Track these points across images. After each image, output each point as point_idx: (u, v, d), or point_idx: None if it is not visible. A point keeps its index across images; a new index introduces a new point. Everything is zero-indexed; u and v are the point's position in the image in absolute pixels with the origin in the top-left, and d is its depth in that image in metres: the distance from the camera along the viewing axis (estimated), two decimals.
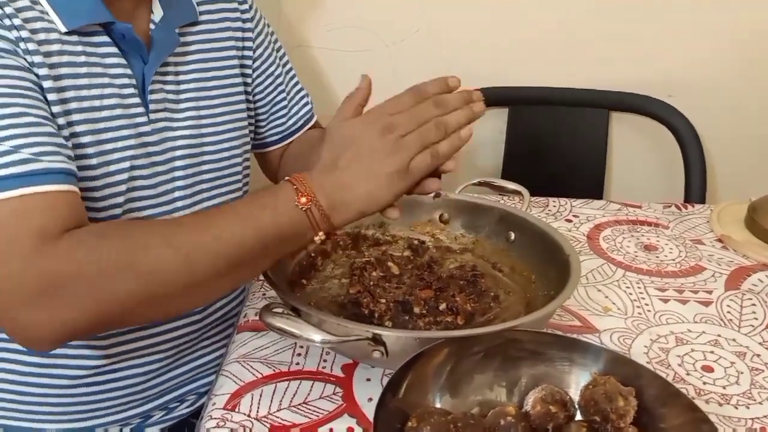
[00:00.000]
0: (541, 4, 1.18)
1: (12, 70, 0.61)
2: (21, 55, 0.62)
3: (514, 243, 0.83)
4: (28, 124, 0.59)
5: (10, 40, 0.62)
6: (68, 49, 0.66)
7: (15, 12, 0.62)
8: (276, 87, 0.90)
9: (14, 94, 0.60)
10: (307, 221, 0.61)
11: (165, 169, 0.74)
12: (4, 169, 0.56)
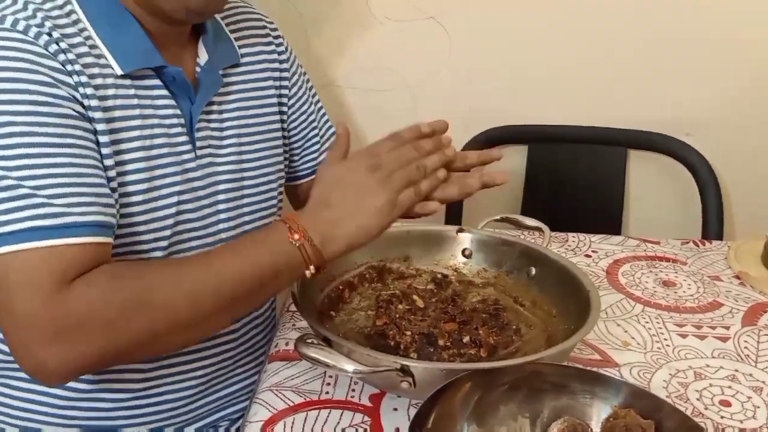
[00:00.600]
0: (561, 45, 1.22)
1: (66, 119, 0.65)
2: (78, 101, 0.66)
3: (535, 278, 0.86)
4: (69, 174, 0.63)
5: (71, 85, 0.66)
6: (122, 92, 0.70)
7: (76, 58, 0.67)
8: (309, 123, 0.95)
9: (63, 144, 0.64)
10: (300, 256, 0.67)
11: (209, 202, 0.79)
12: (37, 220, 0.61)
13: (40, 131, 0.63)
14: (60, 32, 0.66)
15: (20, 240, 0.60)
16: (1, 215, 0.61)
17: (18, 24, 0.64)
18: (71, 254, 0.61)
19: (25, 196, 0.61)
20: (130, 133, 0.71)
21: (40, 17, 0.66)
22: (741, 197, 1.29)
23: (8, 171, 0.61)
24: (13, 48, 0.63)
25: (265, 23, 0.90)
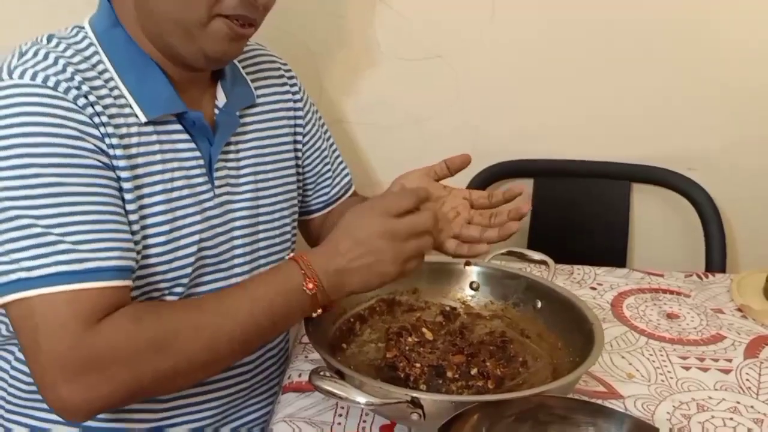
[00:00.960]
0: (565, 82, 1.24)
1: (91, 170, 0.68)
2: (104, 152, 0.70)
3: (540, 310, 0.88)
4: (93, 221, 0.67)
5: (97, 137, 0.69)
6: (145, 139, 0.74)
7: (103, 109, 0.70)
8: (322, 160, 0.98)
9: (88, 193, 0.68)
10: (311, 302, 0.72)
11: (226, 238, 0.82)
12: (63, 265, 0.65)
13: (67, 182, 0.66)
14: (89, 85, 0.70)
15: (47, 284, 0.64)
16: (29, 260, 0.64)
17: (49, 80, 0.68)
18: (93, 297, 0.65)
19: (52, 243, 0.65)
20: (152, 178, 0.74)
21: (70, 72, 0.69)
22: (744, 231, 1.30)
23: (37, 219, 0.65)
24: (44, 104, 0.67)
25: (280, 65, 0.94)
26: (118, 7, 0.76)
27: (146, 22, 0.74)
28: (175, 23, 0.72)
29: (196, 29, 0.72)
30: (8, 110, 0.66)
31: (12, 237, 0.65)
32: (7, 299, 0.65)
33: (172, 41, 0.74)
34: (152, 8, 0.73)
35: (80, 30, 0.76)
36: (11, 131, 0.66)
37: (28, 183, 0.65)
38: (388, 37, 1.21)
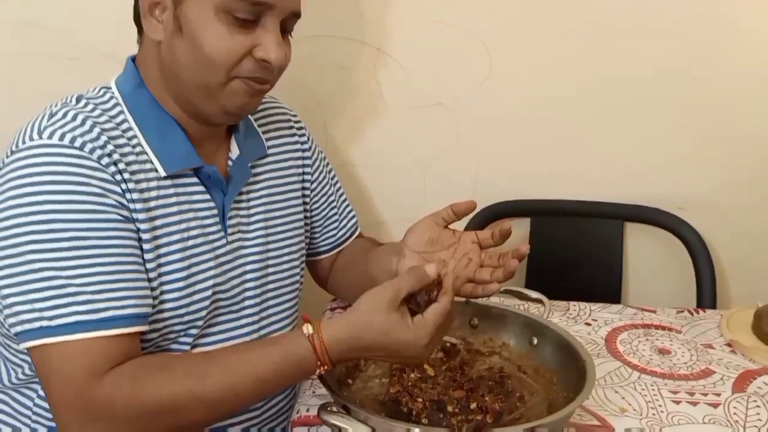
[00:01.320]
0: (561, 127, 1.29)
1: (113, 223, 0.74)
2: (125, 206, 0.75)
3: (536, 347, 0.92)
4: (112, 272, 0.72)
5: (118, 193, 0.75)
6: (163, 192, 0.79)
7: (125, 166, 0.76)
8: (329, 204, 1.04)
9: (109, 245, 0.73)
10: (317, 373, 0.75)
11: (238, 282, 0.87)
12: (80, 315, 0.70)
13: (90, 236, 0.72)
14: (113, 143, 0.76)
15: (64, 332, 0.69)
16: (50, 310, 0.70)
17: (76, 141, 0.73)
18: (106, 345, 0.70)
19: (72, 294, 0.70)
20: (169, 228, 0.79)
21: (97, 132, 0.75)
22: (733, 268, 1.34)
23: (59, 271, 0.70)
24: (70, 163, 0.72)
25: (289, 116, 1.01)
26: (143, 70, 0.82)
27: (171, 84, 0.80)
28: (198, 86, 0.78)
29: (216, 90, 0.78)
30: (37, 168, 0.72)
31: (36, 288, 0.70)
32: (29, 345, 0.71)
33: (195, 100, 0.80)
34: (177, 73, 0.79)
35: (107, 91, 0.82)
36: (40, 188, 0.71)
37: (53, 237, 0.70)
38: (391, 86, 1.26)
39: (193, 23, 0.75)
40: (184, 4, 0.76)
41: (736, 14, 1.21)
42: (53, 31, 1.20)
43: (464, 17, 1.22)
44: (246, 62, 0.77)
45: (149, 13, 0.78)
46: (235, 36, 0.76)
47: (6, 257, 0.71)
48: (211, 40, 0.75)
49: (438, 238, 0.90)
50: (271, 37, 0.77)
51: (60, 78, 1.21)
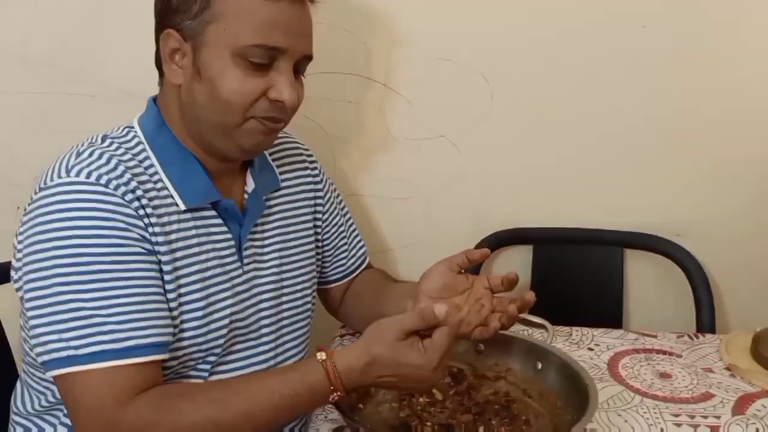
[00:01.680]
0: (562, 157, 1.33)
1: (136, 256, 0.77)
2: (147, 239, 0.79)
3: (541, 372, 0.95)
4: (135, 302, 0.76)
5: (141, 227, 0.78)
6: (183, 225, 0.83)
7: (148, 201, 0.80)
8: (339, 234, 1.08)
9: (132, 277, 0.77)
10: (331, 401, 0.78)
11: (254, 311, 0.91)
12: (105, 344, 0.73)
13: (115, 269, 0.75)
14: (136, 180, 0.80)
15: (89, 361, 0.73)
16: (76, 340, 0.73)
17: (101, 178, 0.77)
18: (130, 373, 0.74)
19: (98, 324, 0.74)
20: (189, 260, 0.83)
21: (121, 170, 0.79)
22: (732, 293, 1.36)
23: (86, 302, 0.74)
24: (96, 200, 0.76)
25: (302, 150, 1.05)
26: (164, 111, 0.87)
27: (190, 124, 0.85)
28: (215, 126, 0.82)
29: (233, 129, 0.82)
30: (65, 204, 0.76)
31: (63, 318, 0.74)
32: (56, 373, 0.74)
33: (212, 139, 0.84)
34: (196, 114, 0.83)
35: (130, 130, 0.87)
36: (67, 224, 0.75)
37: (79, 270, 0.74)
38: (397, 119, 1.31)
39: (211, 68, 0.80)
40: (203, 51, 0.80)
41: (729, 43, 1.25)
42: (73, 70, 1.25)
43: (466, 54, 1.27)
44: (261, 103, 0.81)
45: (170, 59, 0.83)
46: (250, 79, 0.80)
47: (35, 289, 0.75)
48: (227, 84, 0.79)
49: (452, 283, 0.92)
50: (284, 79, 0.81)
51: (80, 114, 1.27)
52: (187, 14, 0.80)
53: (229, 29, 0.79)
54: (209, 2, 0.79)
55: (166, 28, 0.82)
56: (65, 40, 1.24)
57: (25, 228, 0.78)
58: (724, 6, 1.22)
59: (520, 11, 1.25)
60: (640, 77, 1.28)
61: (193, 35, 0.80)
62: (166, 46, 0.82)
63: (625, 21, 1.24)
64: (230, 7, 0.79)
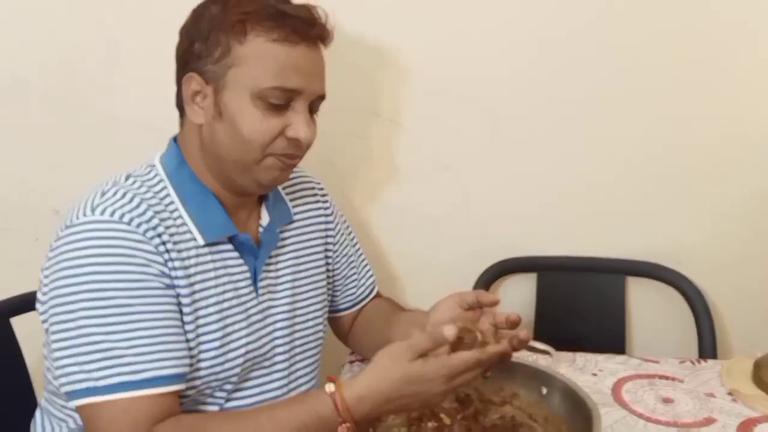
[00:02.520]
0: (563, 188, 1.36)
1: (155, 290, 0.81)
2: (167, 275, 0.82)
3: (546, 397, 0.96)
4: (154, 335, 0.79)
5: (161, 263, 0.82)
6: (201, 259, 0.87)
7: (169, 238, 0.83)
8: (349, 264, 1.11)
9: (151, 311, 0.80)
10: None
11: (268, 339, 0.94)
12: (124, 376, 0.76)
13: (135, 303, 0.79)
14: (158, 217, 0.83)
15: (109, 392, 0.75)
16: (96, 371, 0.76)
17: (124, 217, 0.81)
18: (148, 404, 0.76)
19: (118, 356, 0.76)
20: (207, 292, 0.86)
21: (143, 208, 0.83)
22: (733, 319, 1.38)
23: (107, 335, 0.77)
24: (118, 237, 0.80)
25: (313, 184, 1.09)
26: (184, 149, 0.91)
27: (210, 161, 0.89)
28: (235, 162, 0.87)
29: (252, 166, 0.86)
30: (89, 242, 0.79)
31: (85, 351, 0.77)
32: (78, 403, 0.77)
33: (232, 175, 0.88)
34: (217, 152, 0.87)
35: (152, 168, 0.90)
36: (91, 260, 0.78)
37: (102, 304, 0.77)
38: (402, 152, 1.35)
39: (231, 109, 0.84)
40: (225, 92, 0.85)
41: (728, 72, 1.28)
42: (91, 107, 1.30)
43: (468, 88, 1.31)
44: (279, 141, 0.86)
45: (191, 101, 0.87)
46: (269, 119, 0.84)
47: (59, 322, 0.78)
48: (248, 124, 0.84)
49: (459, 318, 0.93)
50: (300, 118, 0.86)
51: (97, 148, 1.32)
52: (209, 59, 0.84)
53: (249, 73, 0.83)
54: (230, 48, 0.83)
55: (189, 71, 0.86)
56: (83, 77, 1.29)
57: (52, 263, 0.81)
58: (721, 36, 1.26)
59: (519, 45, 1.29)
60: (641, 107, 1.31)
61: (214, 78, 0.85)
62: (188, 88, 0.87)
63: (624, 52, 1.28)
64: (250, 51, 0.83)
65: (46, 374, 0.91)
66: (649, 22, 1.26)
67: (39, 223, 1.33)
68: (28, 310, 1.10)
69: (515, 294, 1.43)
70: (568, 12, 1.27)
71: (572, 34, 1.28)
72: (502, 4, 1.27)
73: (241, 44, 0.83)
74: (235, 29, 0.83)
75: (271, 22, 0.83)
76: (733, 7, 1.25)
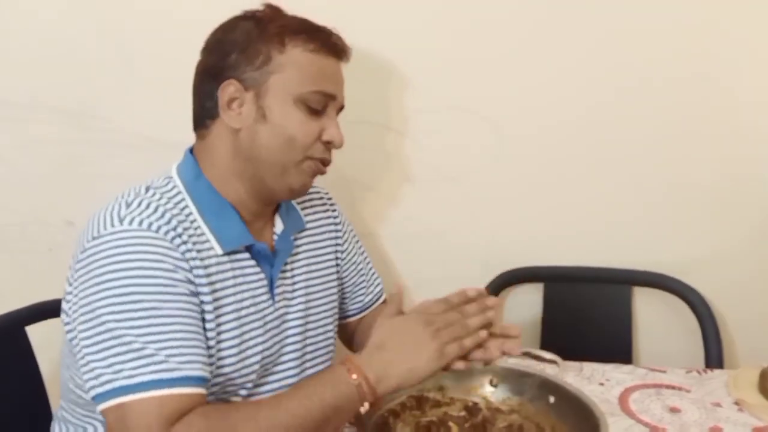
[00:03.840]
0: (569, 199, 1.38)
1: (182, 296, 0.83)
2: (191, 281, 0.84)
3: (553, 405, 0.98)
4: (182, 338, 0.81)
5: (186, 269, 0.84)
6: (221, 268, 0.89)
7: (192, 246, 0.86)
8: (358, 272, 1.14)
9: (179, 315, 0.82)
10: (357, 393, 0.81)
11: (281, 346, 0.96)
12: (158, 373, 0.78)
13: (163, 306, 0.81)
14: (181, 227, 0.86)
15: (143, 389, 0.77)
16: (130, 370, 0.78)
17: (152, 226, 0.84)
18: (178, 402, 0.78)
19: (149, 355, 0.78)
20: (226, 300, 0.89)
21: (168, 217, 0.86)
22: (739, 328, 1.39)
23: (137, 337, 0.79)
24: (147, 244, 0.82)
25: (322, 194, 1.12)
26: (202, 160, 0.94)
27: (243, 166, 0.92)
28: (275, 164, 0.91)
29: (291, 168, 0.91)
30: (119, 249, 0.81)
31: (116, 351, 0.78)
32: (109, 404, 0.78)
33: (267, 178, 0.91)
34: (257, 155, 0.91)
35: (170, 180, 0.93)
36: (120, 266, 0.81)
37: (131, 308, 0.79)
38: (411, 164, 1.37)
39: (276, 111, 0.90)
40: (267, 97, 0.90)
41: (733, 90, 1.30)
42: (104, 120, 1.33)
43: (474, 101, 1.33)
44: (317, 144, 0.92)
45: (227, 107, 0.91)
46: (310, 121, 0.91)
47: (90, 328, 0.80)
48: (293, 124, 0.90)
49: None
50: (333, 123, 0.93)
51: (111, 161, 1.34)
52: (249, 66, 0.90)
53: (291, 78, 0.90)
54: (271, 56, 0.90)
55: (226, 79, 0.91)
56: (98, 92, 1.32)
57: (81, 273, 0.83)
58: (732, 53, 1.28)
59: (526, 60, 1.31)
60: (648, 120, 1.32)
61: (255, 84, 0.90)
62: (224, 95, 0.91)
63: (632, 66, 1.30)
64: (290, 59, 0.90)
65: (66, 383, 0.93)
66: (658, 38, 1.28)
67: (53, 235, 1.36)
68: (42, 318, 1.12)
69: (522, 304, 1.44)
70: (576, 30, 1.29)
71: (580, 50, 1.30)
72: (512, 22, 1.30)
73: (281, 53, 0.90)
74: (275, 40, 0.90)
75: (306, 35, 0.91)
76: (744, 25, 1.27)
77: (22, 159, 1.34)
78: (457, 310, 0.88)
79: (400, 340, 0.84)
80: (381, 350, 0.84)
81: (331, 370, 0.83)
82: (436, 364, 0.83)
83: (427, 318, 0.86)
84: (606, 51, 1.30)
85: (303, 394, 0.81)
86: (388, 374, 0.82)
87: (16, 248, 1.37)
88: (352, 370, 0.82)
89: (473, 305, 0.90)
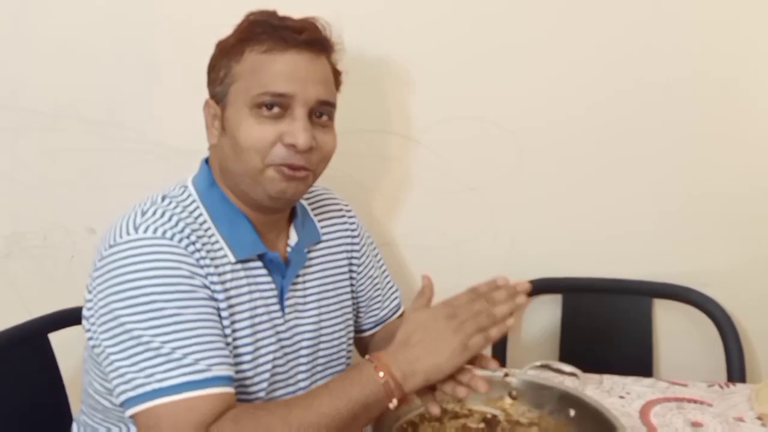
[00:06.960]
0: (589, 209, 1.37)
1: (201, 301, 0.84)
2: (207, 287, 0.85)
3: (574, 418, 0.97)
4: (206, 341, 0.82)
5: (202, 275, 0.85)
6: (235, 275, 0.90)
7: (206, 254, 0.87)
8: (374, 285, 1.13)
9: (201, 319, 0.83)
10: (385, 391, 0.80)
11: (293, 357, 0.96)
12: (188, 375, 0.79)
13: (185, 311, 0.82)
14: (195, 235, 0.87)
15: (174, 392, 0.78)
16: (161, 374, 0.78)
17: (167, 233, 0.85)
18: (210, 402, 0.78)
19: (179, 359, 0.79)
20: (241, 306, 0.89)
21: (182, 225, 0.86)
22: (762, 341, 1.37)
23: (165, 343, 0.80)
24: (164, 251, 0.84)
25: (342, 206, 1.11)
26: (214, 171, 0.95)
27: (228, 179, 0.93)
28: (242, 174, 0.90)
29: (257, 176, 0.89)
30: (137, 257, 0.83)
31: (146, 357, 0.79)
32: (140, 408, 0.78)
33: (245, 188, 0.91)
34: (228, 167, 0.92)
35: (185, 189, 0.94)
36: (139, 274, 0.82)
37: (154, 315, 0.80)
38: (428, 173, 1.37)
39: (232, 122, 0.89)
40: (228, 109, 0.90)
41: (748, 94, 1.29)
42: (128, 129, 1.35)
43: (494, 111, 1.33)
44: (277, 149, 0.88)
45: (211, 124, 0.93)
46: (264, 126, 0.88)
47: (115, 336, 0.81)
48: (244, 132, 0.88)
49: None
50: (297, 124, 0.88)
51: (132, 169, 1.35)
52: (217, 81, 0.92)
53: (244, 85, 0.89)
54: (230, 67, 0.90)
55: (208, 97, 0.93)
56: (121, 101, 1.33)
57: (99, 282, 0.84)
58: (755, 62, 1.28)
59: (547, 72, 1.31)
60: (668, 130, 1.32)
61: (221, 98, 0.91)
62: (207, 114, 0.94)
63: (653, 78, 1.30)
64: (245, 66, 0.89)
65: (86, 388, 0.94)
66: (681, 48, 1.28)
67: (75, 242, 1.38)
68: (64, 326, 1.13)
69: (541, 315, 1.44)
70: (599, 41, 1.29)
71: (601, 61, 1.30)
72: (531, 33, 1.30)
73: (238, 63, 0.90)
74: (234, 50, 0.90)
75: (264, 36, 0.89)
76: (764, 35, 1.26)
77: (46, 167, 1.36)
78: (486, 297, 0.85)
79: (424, 335, 0.82)
80: (406, 346, 0.82)
81: (359, 369, 0.82)
82: (459, 359, 0.81)
83: (450, 311, 0.83)
84: (628, 64, 1.30)
85: (332, 393, 0.80)
86: (414, 370, 0.81)
87: (39, 255, 1.39)
88: (379, 367, 0.81)
89: (501, 291, 0.86)
